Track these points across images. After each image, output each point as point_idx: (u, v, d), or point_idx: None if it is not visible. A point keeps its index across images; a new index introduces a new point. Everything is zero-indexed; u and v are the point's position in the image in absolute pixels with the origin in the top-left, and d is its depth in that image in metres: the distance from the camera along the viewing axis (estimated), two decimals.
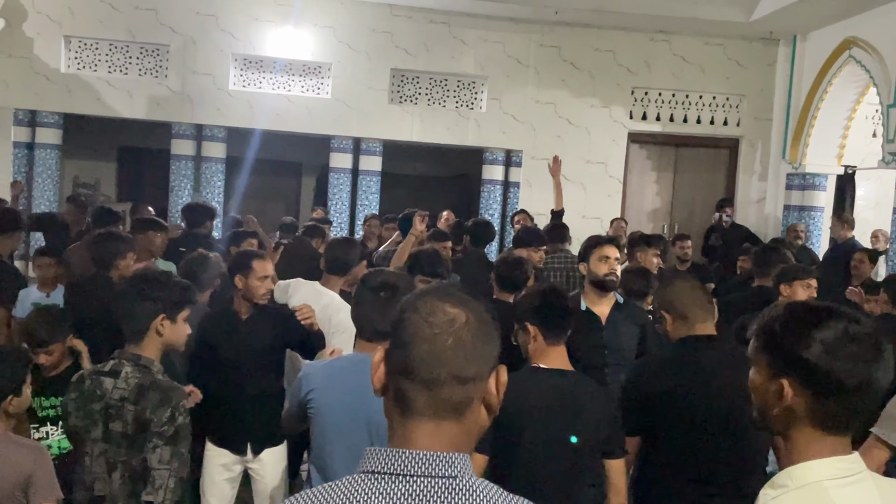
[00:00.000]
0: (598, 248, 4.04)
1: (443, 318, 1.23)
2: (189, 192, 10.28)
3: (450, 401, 1.22)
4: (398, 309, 1.28)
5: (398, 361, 1.23)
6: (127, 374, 2.64)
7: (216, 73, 10.06)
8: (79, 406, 2.67)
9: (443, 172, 12.72)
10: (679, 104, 10.97)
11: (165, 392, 2.62)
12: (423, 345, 1.22)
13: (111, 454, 2.62)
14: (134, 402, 2.60)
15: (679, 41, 10.71)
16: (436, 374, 1.21)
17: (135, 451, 2.59)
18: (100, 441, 2.63)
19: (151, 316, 2.69)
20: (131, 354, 2.68)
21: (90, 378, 2.69)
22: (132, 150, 11.91)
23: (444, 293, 1.27)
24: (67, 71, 9.90)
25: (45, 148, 9.98)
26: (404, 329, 1.24)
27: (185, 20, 9.96)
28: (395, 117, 10.43)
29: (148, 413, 2.57)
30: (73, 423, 2.68)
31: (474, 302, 1.28)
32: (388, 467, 1.19)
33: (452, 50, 10.43)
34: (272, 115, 10.11)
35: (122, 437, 2.60)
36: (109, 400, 2.62)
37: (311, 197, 12.61)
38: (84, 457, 2.64)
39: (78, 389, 2.69)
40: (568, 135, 10.65)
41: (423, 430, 1.22)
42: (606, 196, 10.76)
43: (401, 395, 1.23)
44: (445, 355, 1.21)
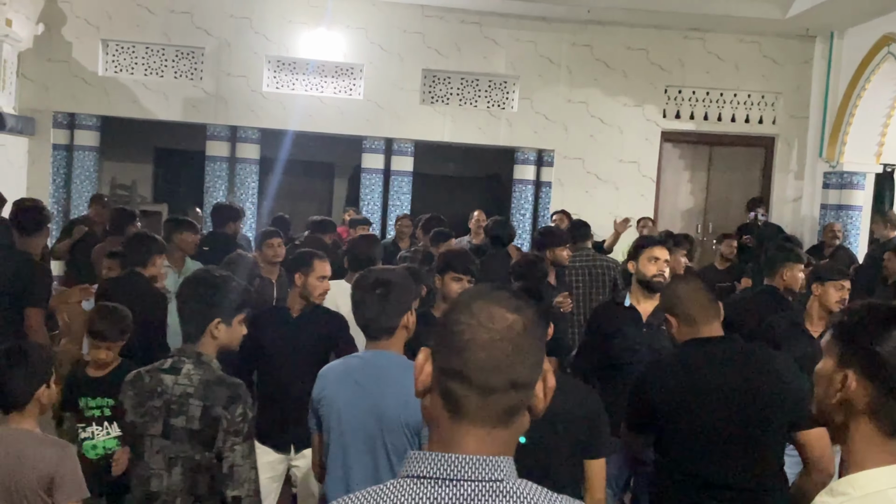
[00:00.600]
0: (649, 249, 4.03)
1: (502, 324, 1.21)
2: (224, 192, 10.39)
3: (503, 407, 1.20)
4: (449, 309, 1.26)
5: (451, 366, 1.21)
6: (189, 370, 2.67)
7: (250, 75, 10.16)
8: (137, 403, 2.69)
9: (474, 172, 12.72)
10: (713, 102, 10.85)
11: (234, 388, 2.65)
12: (482, 351, 1.19)
13: (171, 450, 2.64)
14: (201, 397, 2.62)
15: (713, 39, 10.59)
16: (493, 382, 1.19)
17: (199, 446, 2.61)
18: (158, 437, 2.65)
19: (207, 319, 2.72)
20: (192, 352, 2.71)
21: (148, 375, 2.71)
22: (168, 151, 12.08)
23: (498, 296, 1.25)
24: (105, 74, 10.07)
25: (84, 150, 10.16)
26: (459, 333, 1.21)
27: (220, 23, 10.08)
28: (426, 118, 10.45)
29: (218, 409, 2.60)
30: (130, 419, 2.70)
31: (526, 305, 1.26)
32: (434, 472, 1.18)
33: (484, 50, 10.43)
34: (305, 117, 10.19)
35: (185, 432, 2.62)
36: (171, 396, 2.65)
37: (343, 197, 12.69)
38: (143, 453, 2.66)
39: (135, 387, 2.70)
40: (600, 134, 10.59)
41: (473, 436, 1.20)
42: (639, 196, 10.68)
43: (452, 399, 1.21)
44: (504, 363, 1.19)
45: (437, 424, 1.23)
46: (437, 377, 1.23)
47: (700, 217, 11.20)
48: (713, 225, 10.99)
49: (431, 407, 1.24)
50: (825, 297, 4.18)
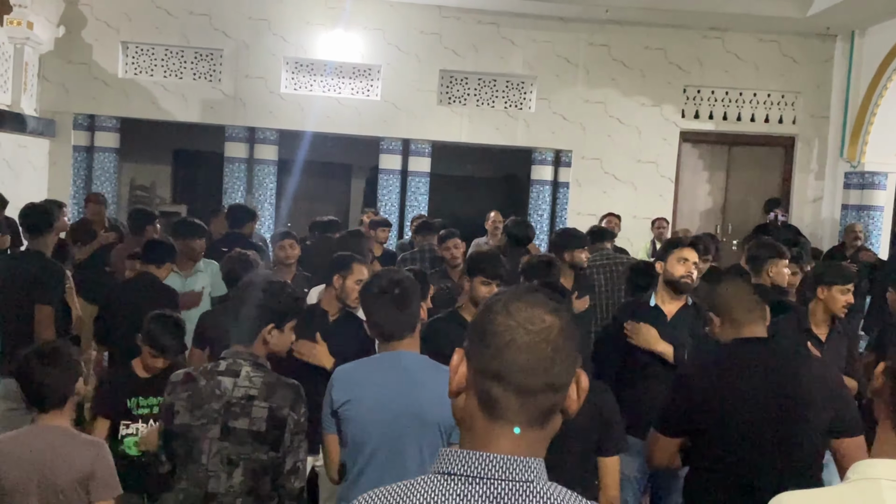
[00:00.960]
0: (678, 250, 4.00)
1: (540, 325, 1.22)
2: (242, 193, 10.44)
3: (541, 408, 1.22)
4: (486, 310, 1.26)
5: (490, 367, 1.21)
6: (248, 373, 2.67)
7: (268, 77, 10.20)
8: (193, 405, 2.67)
9: (491, 173, 12.71)
10: (732, 102, 10.79)
11: (295, 389, 2.69)
12: (522, 353, 1.20)
13: (231, 451, 2.64)
14: (265, 399, 2.63)
15: (732, 38, 10.53)
16: (532, 383, 1.20)
17: (263, 447, 2.62)
18: (217, 439, 2.64)
19: (262, 324, 2.74)
20: (248, 354, 2.72)
21: (203, 377, 2.70)
22: (187, 153, 12.15)
23: (536, 298, 1.26)
24: (124, 76, 10.15)
25: (104, 151, 10.25)
26: (497, 334, 1.22)
27: (239, 25, 10.13)
28: (443, 118, 10.45)
29: (285, 410, 2.63)
30: (184, 421, 2.67)
31: (561, 306, 1.28)
32: (465, 469, 1.19)
33: (501, 50, 10.42)
34: (322, 118, 10.22)
35: (248, 433, 2.63)
36: (231, 398, 2.65)
37: (360, 198, 12.71)
38: (199, 456, 2.65)
39: (190, 389, 2.69)
40: (618, 134, 10.55)
41: (508, 437, 1.21)
42: (658, 196, 10.63)
43: (489, 400, 1.21)
44: (544, 364, 1.20)
45: (471, 424, 1.24)
46: (473, 378, 1.24)
47: (719, 217, 11.13)
48: (732, 225, 10.92)
49: (466, 407, 1.25)
50: (831, 302, 4.11)
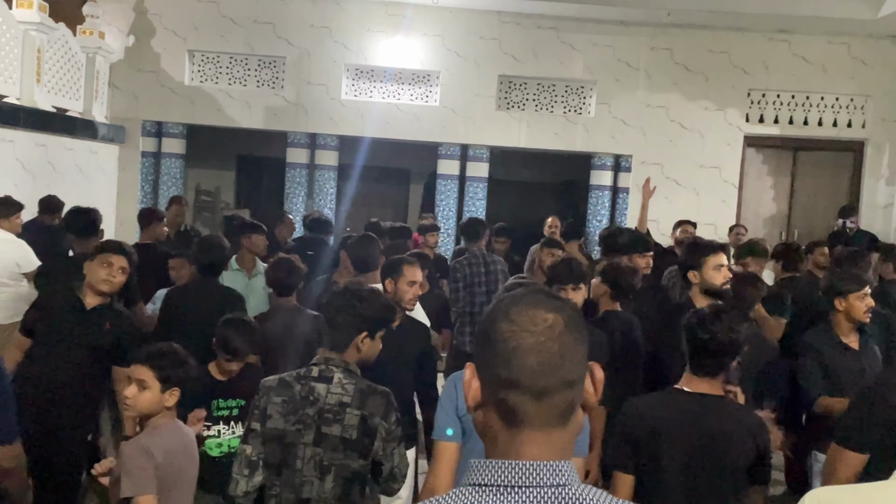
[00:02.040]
0: (714, 256, 3.89)
1: (543, 325, 1.20)
2: (303, 199, 10.60)
3: (559, 407, 1.20)
4: (487, 320, 1.25)
5: (502, 376, 1.20)
6: (340, 379, 2.69)
7: (329, 84, 10.34)
8: (288, 410, 2.68)
9: (550, 178, 12.64)
10: (799, 106, 10.53)
11: (387, 397, 2.70)
12: (530, 356, 1.18)
13: (325, 457, 2.65)
14: (358, 406, 2.65)
15: (799, 40, 10.28)
16: (547, 383, 1.18)
17: (354, 454, 2.63)
18: (311, 445, 2.66)
19: (356, 332, 2.78)
20: (339, 360, 2.74)
21: (298, 383, 2.72)
22: (250, 158, 12.39)
23: (533, 298, 1.24)
24: (191, 83, 10.40)
25: (170, 157, 10.51)
26: (502, 341, 1.20)
27: (301, 32, 10.30)
28: (502, 123, 10.44)
29: (377, 419, 2.63)
30: (277, 426, 2.69)
31: (562, 301, 1.26)
32: (496, 479, 1.17)
33: (561, 55, 10.37)
34: (382, 124, 10.31)
35: (339, 440, 2.64)
36: (324, 404, 2.66)
37: (418, 203, 12.78)
38: (294, 460, 2.67)
39: (285, 394, 2.70)
40: (680, 139, 10.40)
41: (532, 441, 1.20)
42: (721, 202, 10.44)
43: (507, 409, 1.20)
44: (555, 362, 1.19)
45: (494, 435, 1.23)
46: (487, 390, 1.23)
47: (784, 224, 10.87)
48: (798, 232, 10.65)
49: (486, 420, 1.24)
50: (853, 311, 3.95)
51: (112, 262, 3.89)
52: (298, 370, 2.79)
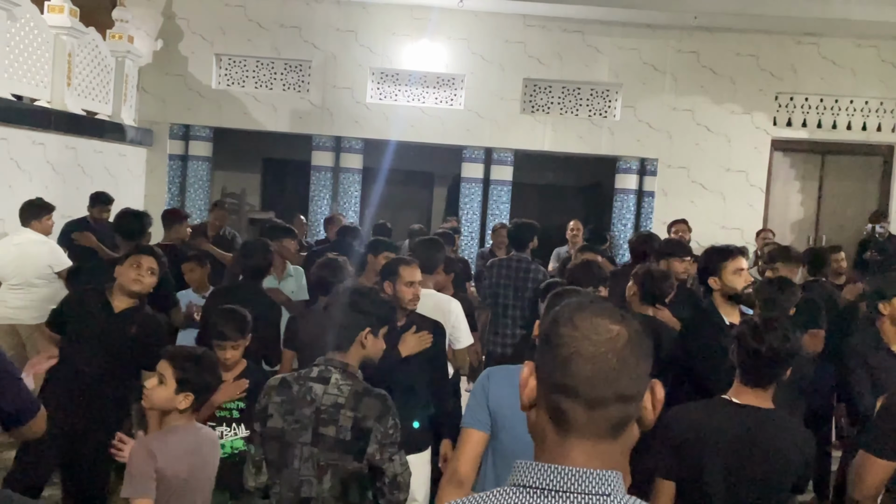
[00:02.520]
0: (733, 261, 3.82)
1: (605, 335, 1.19)
2: (328, 202, 10.65)
3: (611, 420, 1.19)
4: (551, 322, 1.24)
5: (556, 379, 1.20)
6: (337, 380, 2.71)
7: (355, 87, 10.39)
8: (287, 410, 2.72)
9: (574, 182, 12.59)
10: (827, 109, 10.42)
11: (383, 400, 2.70)
12: (587, 364, 1.18)
13: (322, 458, 2.67)
14: (352, 408, 2.66)
15: (828, 43, 10.18)
16: (600, 394, 1.18)
17: (348, 456, 2.65)
18: (308, 445, 2.68)
19: (359, 328, 2.80)
20: (339, 362, 2.76)
21: (297, 383, 2.75)
22: (275, 161, 12.45)
23: (600, 307, 1.24)
24: (218, 87, 10.50)
25: (197, 160, 10.61)
26: (563, 345, 1.20)
27: (327, 36, 10.36)
28: (527, 127, 10.43)
29: (370, 422, 2.64)
30: (276, 425, 2.73)
31: (629, 316, 1.25)
32: (540, 482, 1.17)
33: (586, 58, 10.34)
34: (406, 127, 10.34)
35: (336, 442, 2.66)
36: (321, 405, 2.68)
37: (442, 207, 12.78)
38: (293, 459, 2.70)
39: (284, 394, 2.74)
40: (706, 142, 10.33)
41: (580, 449, 1.19)
42: (748, 206, 10.35)
43: (558, 413, 1.20)
44: (610, 375, 1.18)
45: (544, 437, 1.23)
46: (542, 391, 1.23)
47: (811, 229, 10.76)
48: (826, 237, 10.53)
49: (537, 420, 1.24)
50: None
51: (141, 263, 3.93)
52: (301, 370, 2.83)
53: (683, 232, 7.89)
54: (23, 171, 7.41)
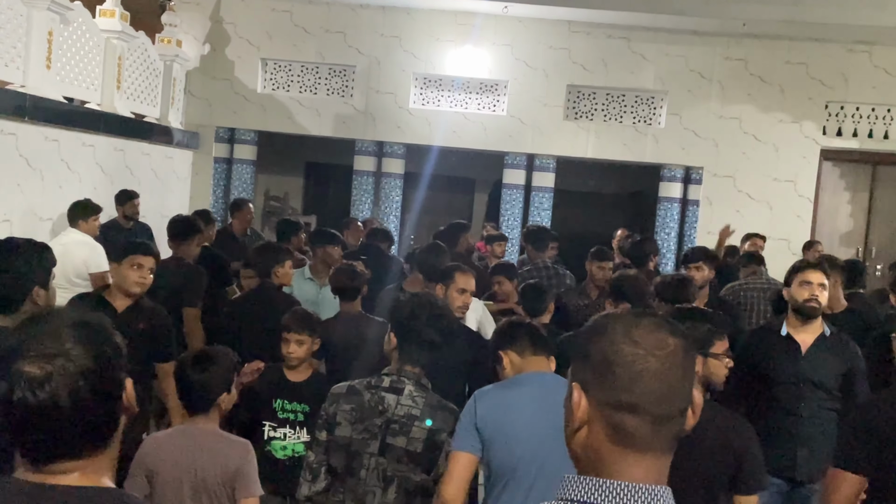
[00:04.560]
0: (801, 273, 3.84)
1: (668, 349, 1.18)
2: (369, 206, 10.69)
3: (673, 433, 1.18)
4: (603, 340, 1.20)
5: (621, 399, 1.17)
6: (411, 391, 2.69)
7: (398, 92, 10.42)
8: (356, 419, 2.69)
9: (617, 189, 12.48)
10: (879, 119, 10.18)
11: (455, 414, 2.70)
12: (656, 382, 1.16)
13: (390, 468, 2.65)
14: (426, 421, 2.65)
15: (881, 52, 9.94)
16: (667, 409, 1.16)
17: (417, 468, 2.63)
18: (375, 455, 2.66)
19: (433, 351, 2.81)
20: (411, 373, 2.73)
21: (368, 392, 2.71)
22: (318, 165, 12.55)
23: (654, 321, 1.22)
24: (263, 91, 10.61)
25: (242, 163, 10.73)
26: (626, 364, 1.17)
27: (371, 42, 10.41)
28: (569, 133, 10.36)
29: (444, 435, 2.63)
30: (344, 434, 2.70)
31: (677, 324, 1.24)
32: (591, 497, 1.15)
33: (631, 65, 10.24)
34: (449, 133, 10.33)
35: (404, 452, 2.63)
36: (393, 416, 2.66)
37: (483, 213, 12.76)
38: (359, 469, 2.67)
39: (354, 402, 2.71)
40: (753, 151, 10.15)
41: (639, 464, 1.17)
42: (795, 216, 10.15)
43: (621, 431, 1.17)
44: (678, 389, 1.17)
45: (597, 454, 1.19)
46: (599, 411, 1.19)
47: (861, 241, 10.51)
48: (876, 249, 10.28)
49: (589, 439, 1.20)
50: None
51: (142, 264, 3.92)
52: (369, 379, 2.78)
53: (759, 247, 7.76)
54: (73, 172, 7.55)
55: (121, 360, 1.35)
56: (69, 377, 1.25)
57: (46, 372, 1.25)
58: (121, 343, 1.35)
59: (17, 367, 1.25)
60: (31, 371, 1.25)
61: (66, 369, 1.26)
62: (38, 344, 1.27)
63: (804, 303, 3.77)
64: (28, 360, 1.26)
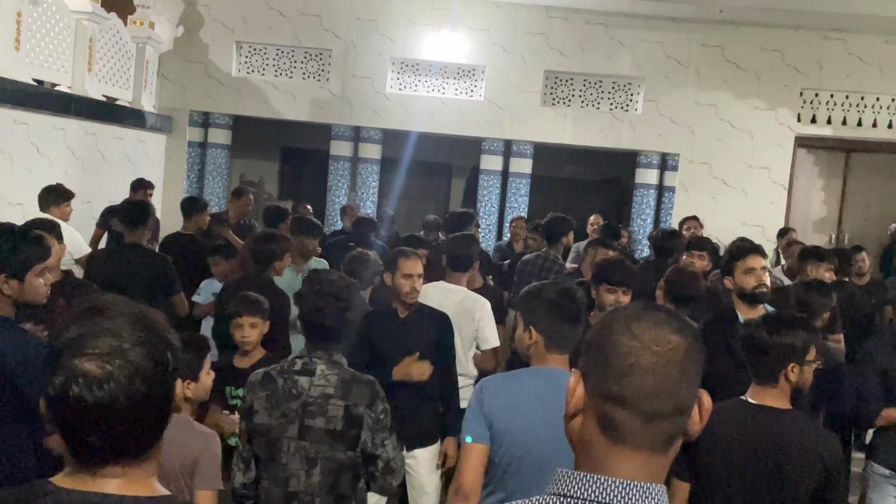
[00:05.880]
0: (742, 260, 3.78)
1: (667, 346, 1.15)
2: (346, 191, 10.62)
3: (666, 433, 1.16)
4: (603, 330, 1.20)
5: (613, 391, 1.15)
6: (323, 371, 2.69)
7: (374, 77, 10.34)
8: (272, 405, 2.70)
9: (594, 176, 12.50)
10: (853, 106, 10.27)
11: (371, 386, 2.69)
12: (648, 377, 1.14)
13: (310, 450, 2.65)
14: (342, 397, 2.65)
15: (856, 39, 10.02)
16: (659, 407, 1.14)
17: (340, 445, 2.63)
18: (295, 439, 2.66)
19: None
20: (321, 352, 2.73)
21: (281, 377, 2.72)
22: (294, 150, 12.44)
23: (658, 316, 1.19)
24: (238, 75, 10.48)
25: (216, 147, 10.61)
26: (621, 356, 1.16)
27: (347, 25, 10.31)
28: (547, 119, 10.35)
29: (361, 409, 2.62)
30: (261, 421, 2.70)
31: (686, 324, 1.21)
32: (582, 492, 1.13)
33: (608, 51, 10.24)
34: (426, 118, 10.28)
35: (325, 432, 2.64)
36: (308, 398, 2.66)
37: (460, 198, 12.73)
38: (279, 455, 2.68)
39: (268, 388, 2.72)
40: (729, 138, 10.21)
41: (630, 461, 1.15)
42: (769, 203, 10.23)
43: (611, 425, 1.16)
44: (671, 387, 1.14)
45: (590, 446, 1.18)
46: (592, 401, 1.18)
47: (834, 227, 10.63)
48: (849, 236, 10.40)
49: (583, 429, 1.20)
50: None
51: None
52: (282, 363, 2.78)
53: (696, 228, 7.80)
54: (43, 156, 7.42)
55: (177, 362, 1.31)
56: (128, 378, 1.21)
57: (106, 371, 1.20)
58: (176, 343, 1.31)
59: (73, 363, 1.20)
60: (91, 369, 1.19)
61: (125, 369, 1.21)
62: (96, 340, 1.21)
63: (753, 290, 3.73)
64: (86, 356, 1.20)
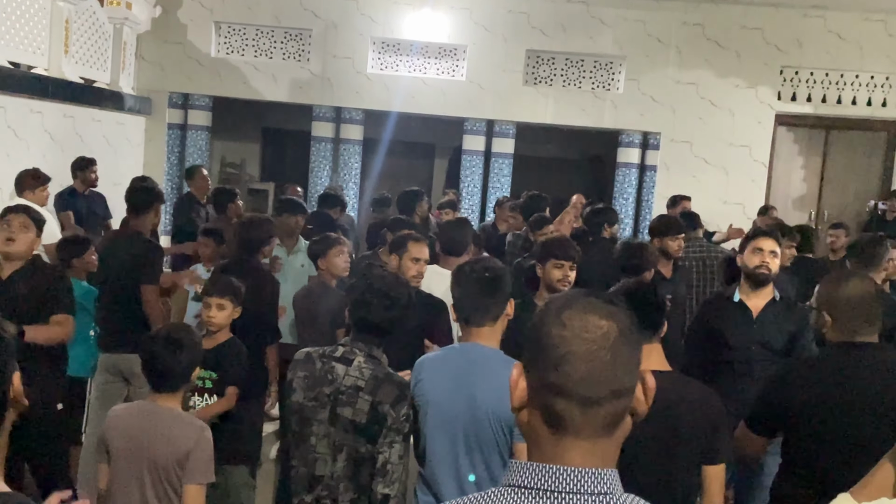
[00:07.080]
0: (753, 240, 3.96)
1: (597, 332, 1.17)
2: (328, 172, 10.59)
3: (606, 417, 1.17)
4: (537, 321, 1.21)
5: (549, 380, 1.17)
6: (360, 363, 2.69)
7: (355, 57, 10.28)
8: (308, 386, 2.72)
9: (576, 155, 12.52)
10: (833, 84, 10.32)
11: (402, 388, 2.67)
12: (581, 364, 1.15)
13: (337, 438, 2.67)
14: (370, 392, 2.64)
15: (835, 17, 10.05)
16: (595, 393, 1.15)
17: (361, 438, 2.64)
18: (325, 423, 2.68)
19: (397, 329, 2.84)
20: (363, 345, 2.73)
21: (321, 360, 2.73)
22: (275, 131, 12.38)
23: (587, 303, 1.21)
24: (217, 55, 10.38)
25: (196, 129, 10.53)
26: (553, 346, 1.17)
27: (327, 5, 10.22)
28: (529, 99, 10.34)
29: (386, 407, 2.62)
30: (297, 399, 2.73)
31: (616, 308, 1.22)
32: (536, 483, 1.15)
33: (590, 30, 10.22)
34: (408, 98, 10.24)
35: (351, 424, 2.65)
36: (340, 386, 2.67)
37: (443, 179, 12.73)
38: (309, 437, 2.70)
39: (307, 370, 2.74)
40: (710, 116, 10.24)
41: (577, 448, 1.17)
42: (750, 181, 10.29)
43: (552, 414, 1.17)
44: (605, 373, 1.15)
45: (538, 437, 1.20)
46: (534, 392, 1.20)
47: (814, 205, 10.71)
48: (828, 213, 10.49)
49: (530, 421, 1.22)
50: None
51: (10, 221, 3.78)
52: (325, 348, 2.80)
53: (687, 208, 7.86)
54: (20, 140, 7.34)
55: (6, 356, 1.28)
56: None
57: None
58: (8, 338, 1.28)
59: None
60: None
61: None
62: None
63: (754, 269, 3.88)
64: None
